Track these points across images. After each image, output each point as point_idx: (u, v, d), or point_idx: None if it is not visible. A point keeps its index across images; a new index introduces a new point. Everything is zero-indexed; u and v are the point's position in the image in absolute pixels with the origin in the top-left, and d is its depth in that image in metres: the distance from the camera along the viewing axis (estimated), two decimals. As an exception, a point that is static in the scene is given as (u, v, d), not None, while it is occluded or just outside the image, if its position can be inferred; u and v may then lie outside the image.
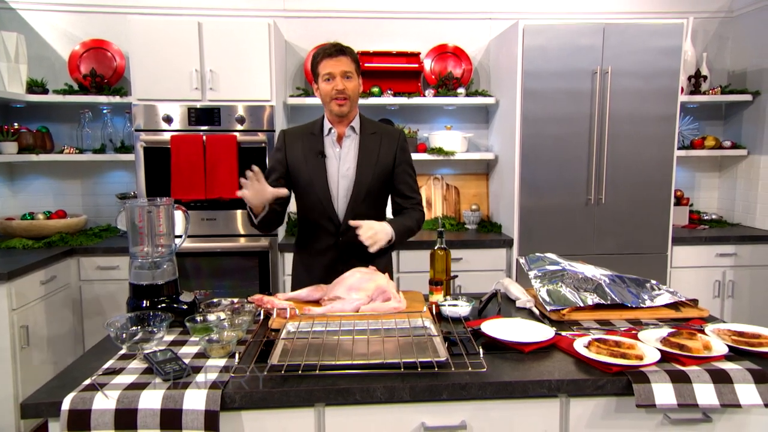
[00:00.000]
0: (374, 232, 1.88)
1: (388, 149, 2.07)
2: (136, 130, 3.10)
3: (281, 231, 3.33)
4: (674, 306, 1.84)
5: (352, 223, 1.92)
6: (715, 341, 1.50)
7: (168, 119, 3.09)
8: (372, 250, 1.89)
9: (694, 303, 1.86)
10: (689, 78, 3.74)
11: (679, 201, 3.80)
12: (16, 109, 3.55)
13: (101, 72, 3.46)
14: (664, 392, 1.32)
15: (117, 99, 3.37)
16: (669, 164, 3.28)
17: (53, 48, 3.58)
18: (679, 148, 3.61)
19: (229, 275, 3.19)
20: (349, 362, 1.36)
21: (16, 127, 3.39)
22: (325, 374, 1.33)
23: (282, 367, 1.33)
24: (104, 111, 3.56)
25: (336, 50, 1.95)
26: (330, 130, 2.06)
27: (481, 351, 1.41)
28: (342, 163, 2.05)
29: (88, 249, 3.13)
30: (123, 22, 3.25)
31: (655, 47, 3.18)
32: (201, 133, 3.09)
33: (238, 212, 3.18)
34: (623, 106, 3.21)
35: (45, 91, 3.41)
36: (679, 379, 1.34)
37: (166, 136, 3.07)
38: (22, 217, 3.36)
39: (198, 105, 3.10)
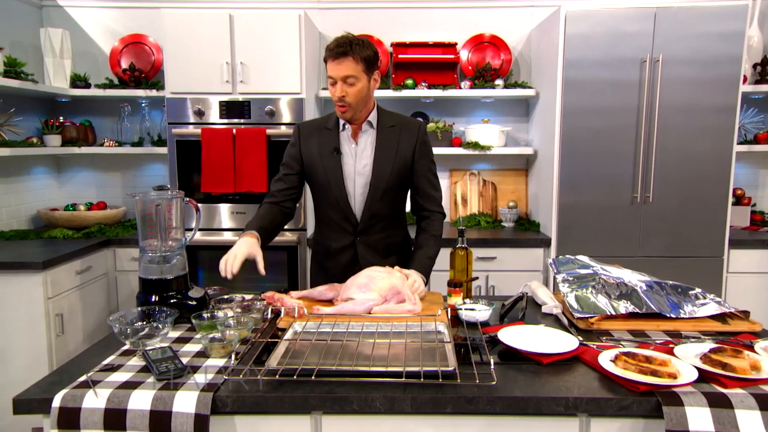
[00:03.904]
0: (417, 287, 1.81)
1: (407, 143, 1.96)
2: (169, 123, 3.13)
3: (310, 226, 3.29)
4: (721, 318, 1.66)
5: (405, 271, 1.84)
6: (765, 361, 1.32)
7: (199, 113, 3.09)
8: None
9: (744, 315, 1.67)
10: (754, 66, 3.43)
11: (740, 200, 3.50)
12: (62, 103, 3.67)
13: (140, 66, 3.52)
14: (699, 417, 1.17)
15: (154, 93, 3.42)
16: (727, 160, 3.01)
17: (96, 43, 3.67)
18: (739, 143, 3.32)
19: (254, 271, 3.17)
20: (348, 368, 1.28)
21: (61, 120, 3.51)
22: (322, 380, 1.26)
23: (278, 371, 1.26)
24: (142, 105, 3.63)
25: (338, 52, 1.78)
26: (345, 125, 1.96)
27: (492, 361, 1.29)
28: (358, 160, 1.95)
29: (123, 240, 3.19)
30: (160, 16, 3.29)
31: (714, 32, 2.92)
32: (231, 126, 3.08)
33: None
34: (675, 96, 2.96)
35: (87, 86, 3.49)
36: (719, 403, 1.18)
37: (198, 129, 3.08)
38: (65, 208, 3.47)
39: (229, 98, 3.10)
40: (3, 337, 2.64)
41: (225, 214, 3.18)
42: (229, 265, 1.67)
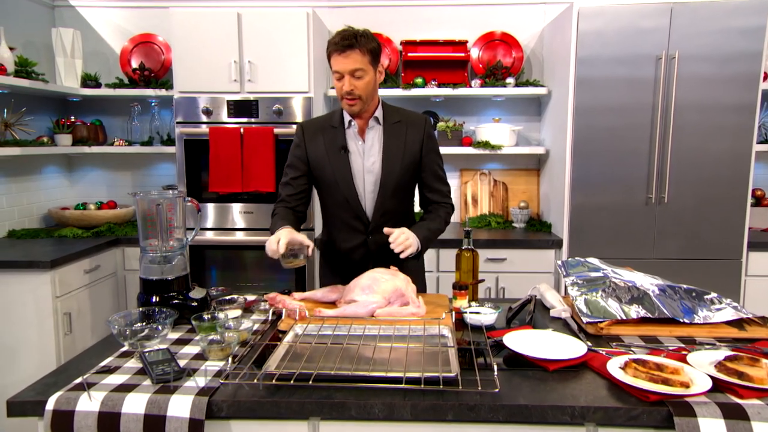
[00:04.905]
0: (406, 237, 1.77)
1: (414, 138, 1.92)
2: (178, 123, 3.12)
3: (318, 226, 3.26)
4: (738, 324, 1.59)
5: (386, 230, 1.80)
6: (783, 370, 1.26)
7: (207, 112, 3.08)
8: (402, 256, 1.78)
9: (763, 321, 1.60)
10: (774, 63, 3.32)
11: (759, 201, 3.40)
12: (73, 103, 3.69)
13: (150, 66, 3.52)
14: (713, 429, 1.11)
15: (163, 92, 3.41)
16: (746, 160, 2.92)
17: (107, 43, 3.68)
18: (759, 142, 3.23)
19: (266, 270, 3.16)
20: (347, 373, 1.24)
21: (72, 120, 3.53)
22: (320, 385, 1.22)
23: (275, 375, 1.23)
24: (152, 104, 3.63)
25: (344, 45, 1.74)
26: (350, 122, 1.92)
27: (495, 367, 1.25)
28: (366, 158, 1.92)
29: (132, 239, 3.20)
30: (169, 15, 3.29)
31: (733, 28, 2.83)
32: (239, 125, 3.06)
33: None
34: (692, 94, 2.88)
35: (98, 85, 3.50)
36: (734, 414, 1.13)
37: (205, 128, 3.07)
38: (76, 207, 3.49)
39: (236, 97, 3.08)
40: (11, 336, 2.65)
41: (236, 213, 3.17)
42: (273, 246, 1.66)
